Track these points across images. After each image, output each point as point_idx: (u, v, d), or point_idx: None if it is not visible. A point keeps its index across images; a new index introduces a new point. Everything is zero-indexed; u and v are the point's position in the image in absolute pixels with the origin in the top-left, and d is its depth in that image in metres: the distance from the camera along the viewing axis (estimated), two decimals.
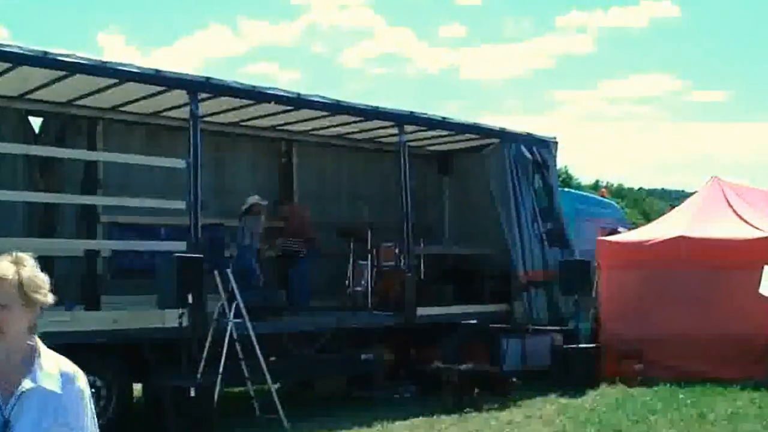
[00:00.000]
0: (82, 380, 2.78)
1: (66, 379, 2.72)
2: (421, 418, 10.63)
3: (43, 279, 2.74)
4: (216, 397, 9.77)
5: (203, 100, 11.07)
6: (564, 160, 60.95)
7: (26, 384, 2.62)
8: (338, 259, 13.97)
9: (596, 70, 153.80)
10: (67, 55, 10.04)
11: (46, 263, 2.95)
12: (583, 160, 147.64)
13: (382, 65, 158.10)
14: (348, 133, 14.76)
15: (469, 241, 15.78)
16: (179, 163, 10.77)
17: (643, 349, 13.36)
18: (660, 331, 13.36)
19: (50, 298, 2.74)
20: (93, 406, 2.79)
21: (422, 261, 14.69)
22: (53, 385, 2.67)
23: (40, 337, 2.74)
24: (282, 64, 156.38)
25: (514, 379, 11.84)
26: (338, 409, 11.20)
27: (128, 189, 11.83)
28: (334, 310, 13.24)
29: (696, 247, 13.54)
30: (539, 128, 18.46)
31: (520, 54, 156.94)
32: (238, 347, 10.14)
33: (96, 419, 2.80)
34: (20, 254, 2.74)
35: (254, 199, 12.78)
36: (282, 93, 12.12)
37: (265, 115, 13.02)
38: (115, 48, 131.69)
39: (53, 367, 2.71)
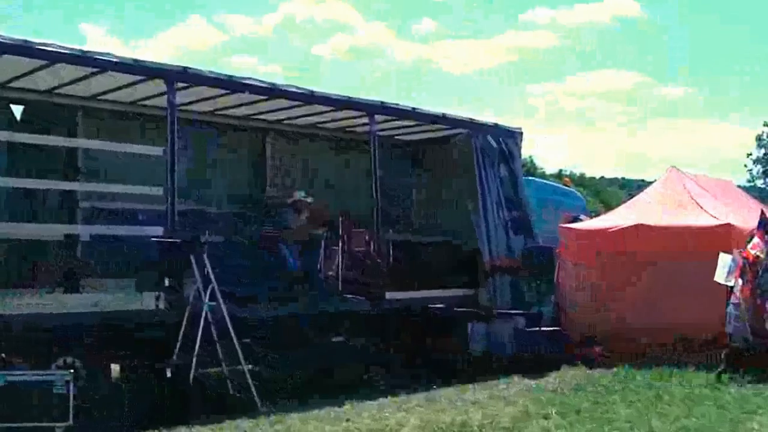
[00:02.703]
0: None
1: None
2: (389, 398, 11.00)
3: None
4: (191, 378, 10.06)
5: (181, 89, 11.35)
6: (529, 150, 61.49)
7: None
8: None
9: (562, 65, 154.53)
10: (48, 45, 10.25)
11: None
12: (547, 151, 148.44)
13: (358, 58, 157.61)
14: (321, 123, 15.08)
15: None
16: (157, 151, 11.05)
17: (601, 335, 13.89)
18: (615, 317, 13.90)
19: None
20: None
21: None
22: None
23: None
24: (260, 57, 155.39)
25: None
26: (317, 392, 11.47)
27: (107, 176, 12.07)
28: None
29: (654, 235, 14.01)
30: (506, 120, 18.89)
31: (488, 48, 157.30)
32: (213, 329, 10.39)
33: None
34: None
35: (299, 195, 13.22)
36: (257, 83, 12.43)
37: (241, 105, 13.32)
38: (97, 39, 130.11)
39: None
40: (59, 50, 10.33)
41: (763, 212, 13.79)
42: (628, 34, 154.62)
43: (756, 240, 13.13)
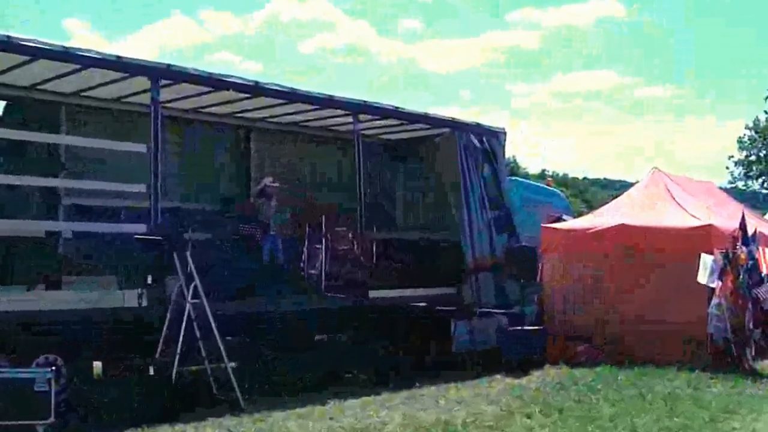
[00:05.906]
0: None
1: None
2: (373, 396, 10.99)
3: None
4: (174, 375, 10.02)
5: (164, 86, 11.29)
6: (512, 149, 61.78)
7: None
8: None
9: (547, 65, 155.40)
10: (31, 41, 10.16)
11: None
12: (531, 151, 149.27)
13: (342, 57, 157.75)
14: (305, 121, 15.05)
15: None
16: (141, 148, 11.00)
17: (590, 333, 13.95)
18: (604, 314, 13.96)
19: None
20: None
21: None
22: None
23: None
24: (244, 55, 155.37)
25: None
26: (301, 389, 11.48)
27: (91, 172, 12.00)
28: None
29: (638, 235, 14.05)
30: (490, 119, 18.89)
31: (473, 48, 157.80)
32: (195, 326, 10.34)
33: None
34: None
35: (267, 180, 13.22)
36: (240, 80, 12.40)
37: (224, 102, 13.28)
38: (80, 35, 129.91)
39: None
40: (42, 46, 10.24)
41: (744, 214, 13.91)
42: (612, 35, 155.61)
43: (739, 243, 13.25)
